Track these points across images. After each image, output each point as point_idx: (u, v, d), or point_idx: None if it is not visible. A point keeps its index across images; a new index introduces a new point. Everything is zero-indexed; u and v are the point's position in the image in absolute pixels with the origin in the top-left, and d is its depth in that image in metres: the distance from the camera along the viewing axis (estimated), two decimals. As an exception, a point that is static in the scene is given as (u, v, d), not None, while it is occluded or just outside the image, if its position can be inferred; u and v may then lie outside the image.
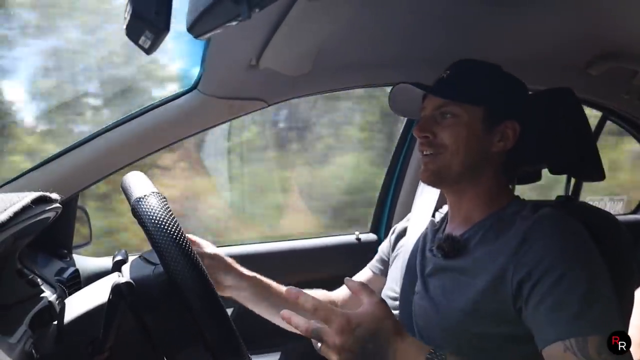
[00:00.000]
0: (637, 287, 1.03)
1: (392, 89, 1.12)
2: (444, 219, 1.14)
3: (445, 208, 1.19)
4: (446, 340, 0.96)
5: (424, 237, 1.14)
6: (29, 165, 1.26)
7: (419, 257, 1.10)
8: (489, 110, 1.00)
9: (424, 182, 1.06)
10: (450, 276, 0.99)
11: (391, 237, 1.31)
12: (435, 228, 1.15)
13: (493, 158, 1.02)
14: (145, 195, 0.77)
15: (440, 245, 1.03)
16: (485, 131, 1.00)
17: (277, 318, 1.20)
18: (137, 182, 0.83)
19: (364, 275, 1.35)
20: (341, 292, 1.33)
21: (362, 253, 1.83)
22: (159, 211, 0.75)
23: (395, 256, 1.25)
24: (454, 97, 1.00)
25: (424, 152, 1.03)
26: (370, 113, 2.87)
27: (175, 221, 0.75)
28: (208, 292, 0.74)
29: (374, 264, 1.34)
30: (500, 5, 1.17)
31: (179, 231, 0.74)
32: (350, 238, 1.90)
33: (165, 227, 0.73)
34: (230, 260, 1.15)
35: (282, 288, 1.22)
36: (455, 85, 1.02)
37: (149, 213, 0.75)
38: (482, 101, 1.00)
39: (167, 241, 0.73)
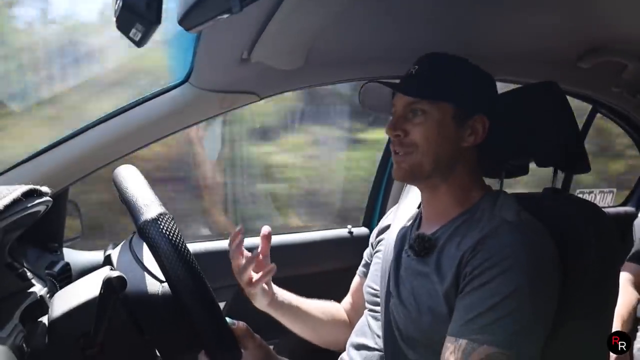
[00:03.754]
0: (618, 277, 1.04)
1: (361, 87, 1.11)
2: (417, 218, 1.14)
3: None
4: (423, 344, 0.97)
5: (401, 237, 1.14)
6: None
7: (394, 256, 1.10)
8: (459, 106, 1.00)
9: (397, 179, 1.07)
10: (419, 279, 0.99)
11: (372, 241, 1.31)
12: (409, 227, 1.14)
13: (464, 153, 1.02)
14: (154, 219, 0.74)
15: (411, 245, 1.03)
16: (456, 127, 1.00)
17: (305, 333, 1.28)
18: (142, 196, 0.79)
19: (354, 281, 1.35)
20: (346, 300, 1.36)
21: (354, 246, 1.84)
22: (173, 240, 0.73)
23: (376, 252, 1.25)
24: (425, 95, 0.99)
25: (396, 151, 1.03)
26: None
27: (188, 250, 0.74)
28: (220, 327, 0.76)
29: (360, 269, 1.34)
30: (492, 0, 1.17)
31: (193, 263, 0.73)
32: (342, 232, 1.91)
33: (181, 259, 0.72)
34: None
35: (310, 305, 1.28)
36: (425, 82, 1.01)
37: (162, 241, 0.73)
38: (453, 97, 0.99)
39: (181, 276, 0.72)
